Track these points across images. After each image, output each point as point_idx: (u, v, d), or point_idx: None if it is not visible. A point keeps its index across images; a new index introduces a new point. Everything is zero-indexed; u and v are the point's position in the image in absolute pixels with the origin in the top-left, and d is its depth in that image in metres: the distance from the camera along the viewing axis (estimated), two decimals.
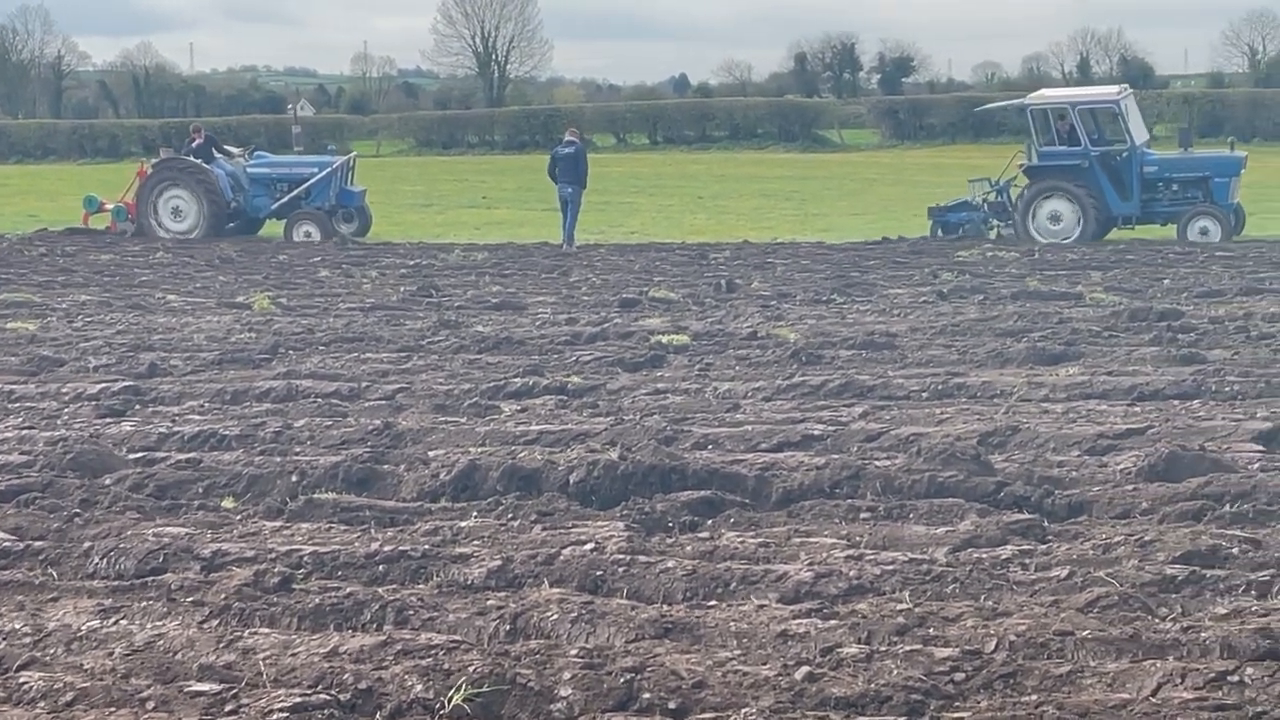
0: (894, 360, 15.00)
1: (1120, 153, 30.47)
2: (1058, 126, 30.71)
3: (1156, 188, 30.63)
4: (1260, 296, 19.75)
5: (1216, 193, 30.24)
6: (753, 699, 5.91)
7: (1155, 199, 30.64)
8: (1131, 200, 30.33)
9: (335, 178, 33.48)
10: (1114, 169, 30.41)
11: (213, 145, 34.43)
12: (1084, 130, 30.36)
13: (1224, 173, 30.50)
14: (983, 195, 32.05)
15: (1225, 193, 30.22)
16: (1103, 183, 30.27)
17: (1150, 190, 30.57)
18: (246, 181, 33.68)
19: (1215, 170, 30.58)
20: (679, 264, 26.28)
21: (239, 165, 33.95)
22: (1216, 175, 30.41)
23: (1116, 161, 30.44)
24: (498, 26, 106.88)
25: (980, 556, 7.96)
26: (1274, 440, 10.76)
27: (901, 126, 79.46)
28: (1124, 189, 30.33)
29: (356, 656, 6.42)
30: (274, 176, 33.82)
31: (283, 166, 34.73)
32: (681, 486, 9.57)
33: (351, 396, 13.36)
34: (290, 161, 36.01)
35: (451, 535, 8.67)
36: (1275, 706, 5.65)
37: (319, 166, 33.95)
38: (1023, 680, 6.08)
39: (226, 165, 33.64)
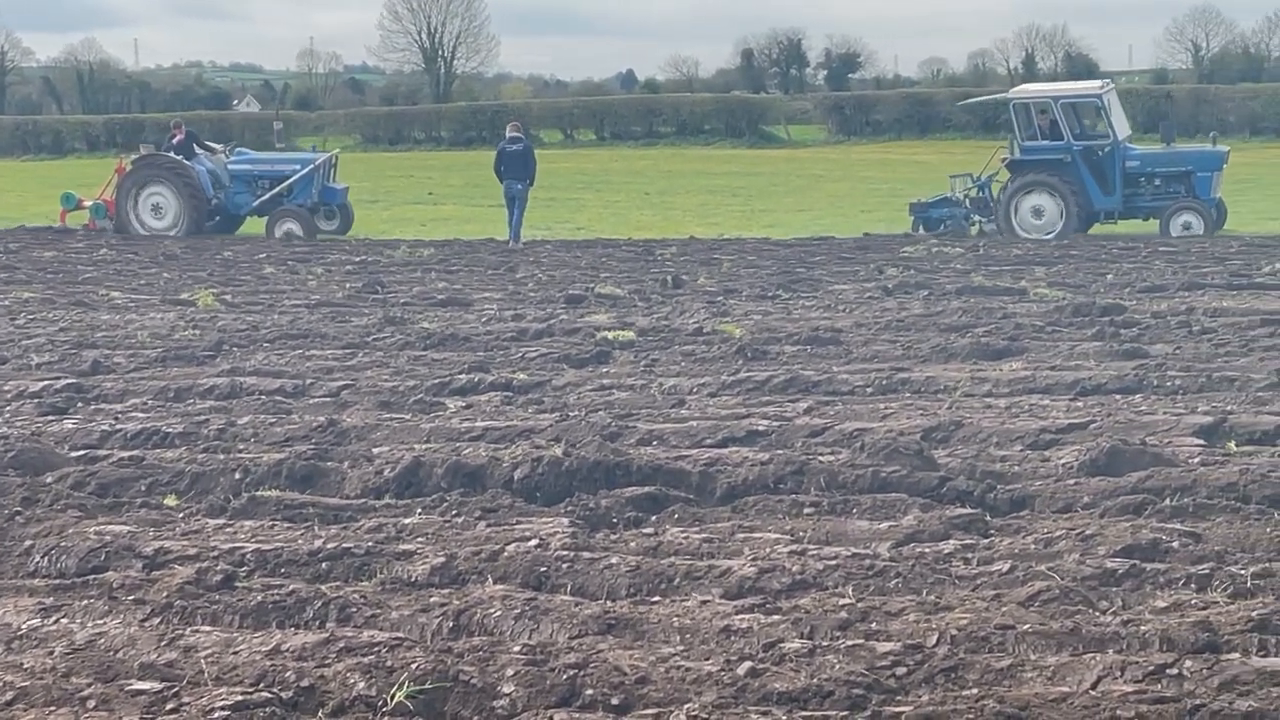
0: (839, 356, 15.04)
1: (1103, 147, 30.55)
2: (1040, 121, 30.74)
3: (1139, 182, 30.75)
4: (1202, 291, 19.87)
5: (1199, 187, 30.38)
6: (695, 694, 5.92)
7: (1138, 193, 30.76)
8: (1114, 195, 30.43)
9: (318, 175, 33.21)
10: (1096, 163, 30.49)
11: (194, 141, 34.10)
12: (1066, 125, 30.41)
13: (1206, 167, 30.61)
14: (964, 191, 32.11)
15: (1208, 187, 30.36)
16: (1085, 177, 30.36)
17: (1132, 185, 30.68)
18: (227, 178, 33.38)
19: (1198, 165, 30.69)
20: (625, 260, 26.29)
21: (220, 162, 33.64)
22: (1199, 170, 30.53)
23: (1099, 156, 30.51)
24: (444, 22, 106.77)
25: (923, 551, 7.99)
26: (1214, 434, 10.83)
27: (848, 122, 79.71)
28: (1106, 183, 30.43)
29: (299, 654, 6.40)
30: (256, 173, 33.53)
31: (264, 163, 34.37)
32: (626, 482, 9.57)
33: (296, 393, 13.32)
34: (272, 158, 35.67)
35: (395, 532, 8.65)
36: (1213, 699, 5.69)
37: (301, 164, 33.66)
38: (964, 674, 6.11)
39: (207, 162, 33.32)
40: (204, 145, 34.47)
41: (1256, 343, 15.17)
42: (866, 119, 79.57)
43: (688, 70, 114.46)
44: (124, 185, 32.95)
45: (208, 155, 33.68)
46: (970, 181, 32.17)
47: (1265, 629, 6.48)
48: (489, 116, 79.96)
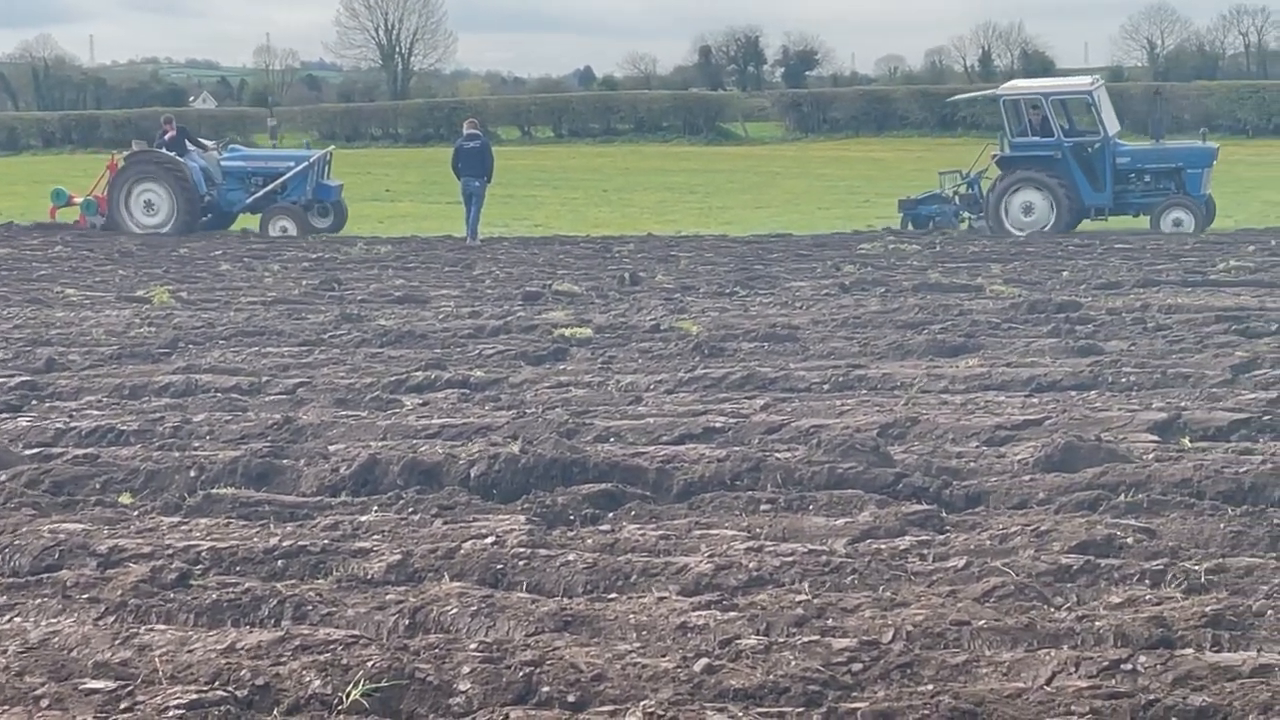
0: (795, 352, 15.06)
1: (1093, 143, 30.53)
2: (1030, 117, 30.71)
3: (1129, 179, 30.70)
4: (1157, 288, 19.96)
5: (1189, 184, 30.35)
6: (651, 691, 5.92)
7: (1128, 190, 30.71)
8: (1104, 191, 30.37)
9: (312, 172, 32.91)
10: (1086, 160, 30.42)
11: (185, 138, 33.72)
12: (1056, 121, 30.40)
13: (1197, 164, 30.61)
14: (953, 187, 32.04)
15: (1198, 184, 30.36)
16: (1075, 173, 30.28)
17: (1123, 181, 30.62)
18: (220, 175, 33.05)
19: (1188, 161, 30.67)
20: (583, 257, 26.28)
21: (213, 159, 33.30)
22: (1189, 166, 30.50)
23: (1089, 152, 30.46)
24: (401, 19, 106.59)
25: (879, 547, 8.01)
26: (1169, 431, 10.88)
27: (805, 120, 79.84)
28: (1097, 180, 30.36)
29: (254, 652, 6.38)
30: (249, 170, 33.19)
31: (258, 160, 34.05)
32: (583, 479, 9.56)
33: (252, 391, 13.28)
34: (266, 155, 35.33)
35: (351, 530, 8.63)
36: (1167, 694, 5.72)
37: (295, 160, 33.30)
38: (919, 670, 6.13)
39: (200, 159, 32.97)
40: (196, 142, 34.11)
41: (1211, 339, 15.25)
42: (824, 116, 79.73)
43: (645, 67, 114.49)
44: (116, 182, 32.54)
45: (200, 152, 33.34)
46: (960, 178, 32.06)
47: (1219, 624, 6.51)
48: (446, 113, 79.92)
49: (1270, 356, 13.90)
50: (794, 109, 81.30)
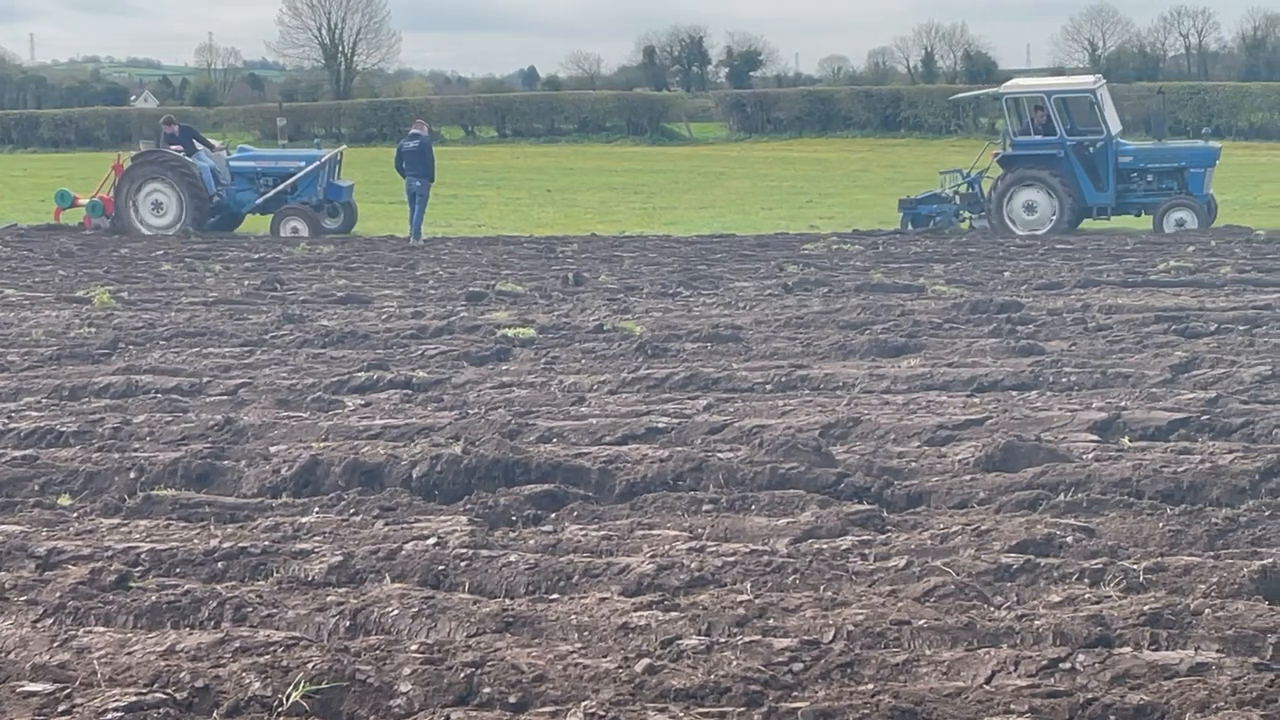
0: (738, 353, 15.08)
1: (1095, 142, 30.49)
2: (1033, 116, 30.68)
3: (1131, 178, 30.71)
4: (1097, 288, 20.08)
5: (1192, 183, 30.40)
6: (593, 691, 5.92)
7: (1130, 189, 30.71)
8: (1107, 190, 30.39)
9: (323, 172, 32.60)
10: (1089, 159, 30.42)
11: (192, 137, 33.41)
12: (1059, 120, 30.36)
13: (1199, 163, 30.65)
14: (954, 187, 31.98)
15: (1200, 183, 30.41)
16: (1078, 173, 30.28)
17: (1125, 180, 30.62)
18: (228, 175, 32.72)
19: (1191, 161, 30.69)
20: (527, 257, 26.26)
21: (220, 159, 32.96)
22: (1192, 166, 30.53)
23: (1091, 151, 30.45)
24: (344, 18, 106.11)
25: (820, 547, 8.03)
26: (1109, 430, 10.95)
27: (749, 120, 79.97)
28: (1099, 179, 30.37)
29: (194, 654, 6.35)
30: (259, 170, 32.84)
31: (268, 160, 33.64)
32: (525, 480, 9.56)
33: (192, 392, 13.21)
34: (276, 155, 34.86)
35: (292, 531, 8.60)
36: (1105, 692, 5.75)
37: (306, 160, 32.96)
38: (860, 670, 6.14)
39: (208, 159, 32.63)
40: (203, 141, 33.78)
41: (1150, 339, 15.35)
42: (768, 117, 79.86)
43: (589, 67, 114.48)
44: (124, 183, 32.17)
45: (207, 151, 32.98)
46: (960, 177, 31.99)
47: (1157, 623, 6.56)
48: (389, 113, 79.76)
49: (1209, 357, 14.00)
50: (738, 109, 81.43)
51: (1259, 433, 10.83)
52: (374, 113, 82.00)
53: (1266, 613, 6.65)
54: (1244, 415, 11.25)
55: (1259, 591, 7.03)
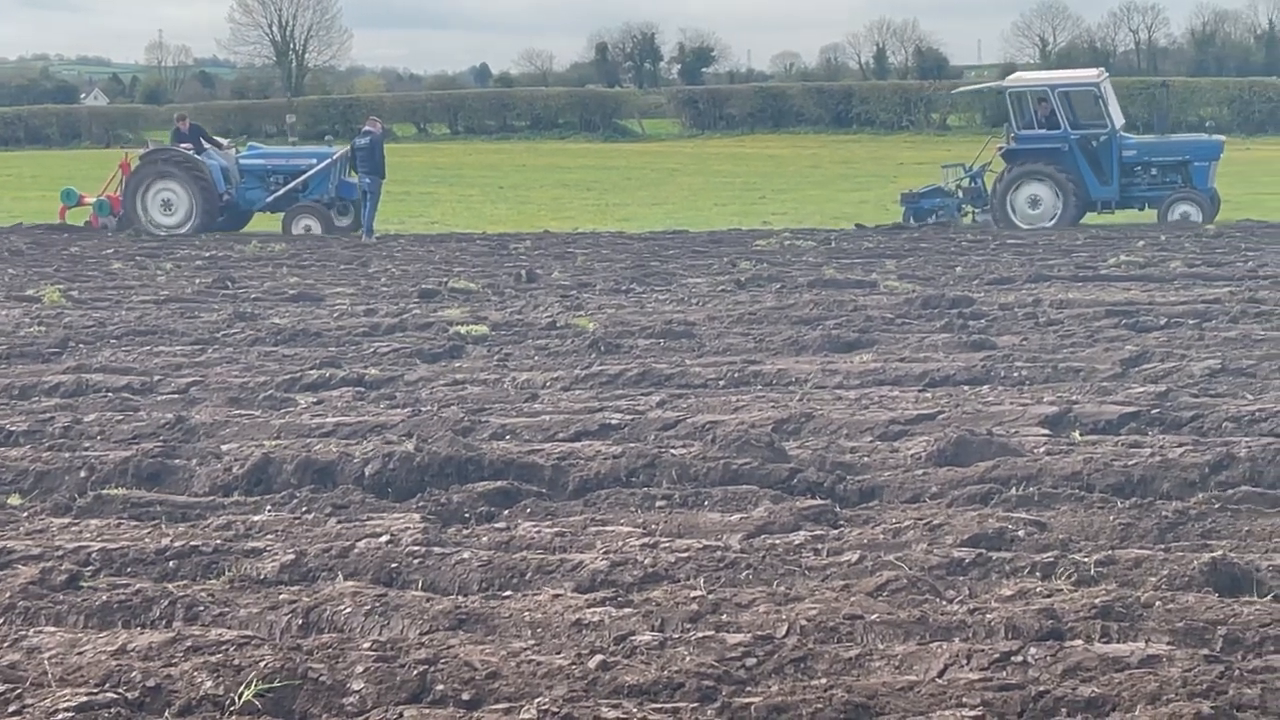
0: (691, 349, 15.09)
1: (1099, 136, 30.47)
2: (1037, 109, 30.62)
3: (1135, 172, 30.66)
4: (1048, 283, 20.15)
5: (1196, 177, 30.39)
6: (546, 688, 5.92)
7: (1134, 183, 30.67)
8: (1111, 185, 30.35)
9: (335, 169, 32.38)
10: (1093, 153, 30.39)
11: (200, 135, 33.20)
12: (1063, 113, 30.31)
13: (1203, 157, 30.62)
14: (956, 181, 31.92)
15: (1204, 177, 30.38)
16: (1082, 166, 30.24)
17: (1129, 174, 30.58)
18: (238, 173, 32.46)
19: (1195, 155, 30.67)
20: (479, 254, 26.23)
21: (230, 156, 32.70)
22: (1196, 159, 30.52)
23: (1095, 145, 30.42)
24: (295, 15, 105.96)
25: (773, 542, 8.03)
26: (1060, 424, 10.99)
27: (701, 116, 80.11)
28: (1103, 173, 30.33)
29: (145, 654, 6.32)
30: (269, 168, 32.57)
31: (278, 158, 33.33)
32: (478, 477, 9.55)
33: (143, 390, 13.16)
34: (286, 153, 34.52)
35: (244, 530, 8.57)
36: (1057, 685, 5.77)
37: (317, 158, 32.73)
38: (813, 664, 6.15)
39: (217, 156, 32.38)
40: (210, 139, 33.52)
41: (1101, 333, 15.41)
42: (720, 113, 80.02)
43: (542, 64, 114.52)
44: (132, 181, 31.92)
45: (216, 150, 32.76)
46: (963, 171, 31.93)
47: (1108, 615, 6.58)
48: (341, 110, 79.59)
49: (1159, 351, 14.07)
50: (690, 106, 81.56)
51: (1208, 426, 10.88)
52: (326, 110, 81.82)
53: (1216, 605, 6.69)
54: (1194, 409, 11.30)
55: (1209, 584, 7.07)
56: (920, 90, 78.38)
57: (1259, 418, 10.90)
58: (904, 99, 77.36)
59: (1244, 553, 7.69)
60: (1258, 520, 8.37)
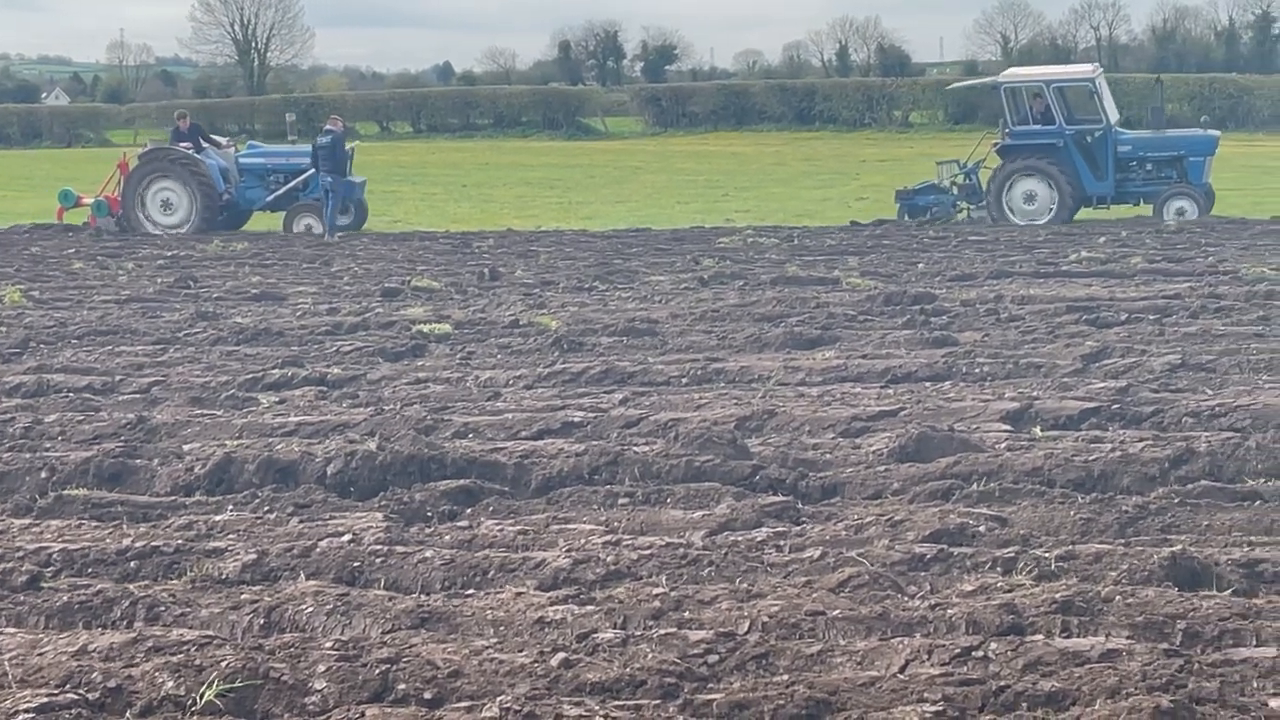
0: (654, 346, 15.10)
1: (1094, 131, 30.46)
2: (1032, 105, 30.58)
3: (1130, 167, 30.64)
4: (1010, 279, 20.21)
5: (1191, 172, 30.39)
6: (508, 686, 5.92)
7: (1129, 178, 30.67)
8: (1106, 180, 30.36)
9: None
10: (1088, 148, 30.38)
11: (199, 134, 32.98)
12: (1058, 109, 30.29)
13: (1198, 152, 30.63)
14: (951, 178, 31.87)
15: (1200, 172, 30.41)
16: (1077, 162, 30.24)
17: (1124, 170, 30.57)
18: (237, 172, 32.25)
19: (1190, 150, 30.67)
20: (442, 253, 26.20)
21: (229, 155, 32.46)
22: (1191, 155, 30.51)
23: (1090, 140, 30.41)
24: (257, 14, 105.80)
25: (736, 539, 8.04)
26: (1021, 420, 11.03)
27: (665, 114, 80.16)
28: (1098, 168, 30.33)
29: (106, 655, 6.30)
30: (269, 167, 32.43)
31: (279, 157, 33.11)
32: (441, 476, 9.55)
33: (105, 390, 13.11)
34: (286, 151, 34.08)
35: (206, 530, 8.55)
36: (1018, 680, 5.80)
37: None
38: (775, 661, 6.17)
39: (216, 156, 32.14)
40: (208, 139, 33.28)
41: (1062, 329, 15.47)
42: (683, 111, 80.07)
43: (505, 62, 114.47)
44: (131, 180, 31.69)
45: (215, 149, 32.51)
46: (958, 168, 31.90)
47: (1068, 610, 6.61)
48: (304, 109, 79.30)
49: (1120, 346, 14.13)
50: (653, 104, 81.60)
51: (1169, 421, 10.94)
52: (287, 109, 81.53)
53: (1176, 599, 6.72)
54: (1154, 404, 11.36)
55: (1168, 578, 7.10)
56: (883, 88, 78.54)
57: (1218, 413, 10.97)
58: (866, 96, 77.52)
59: (1203, 547, 7.74)
60: (1217, 515, 8.41)
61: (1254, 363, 13.10)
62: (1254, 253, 22.94)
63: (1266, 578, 7.23)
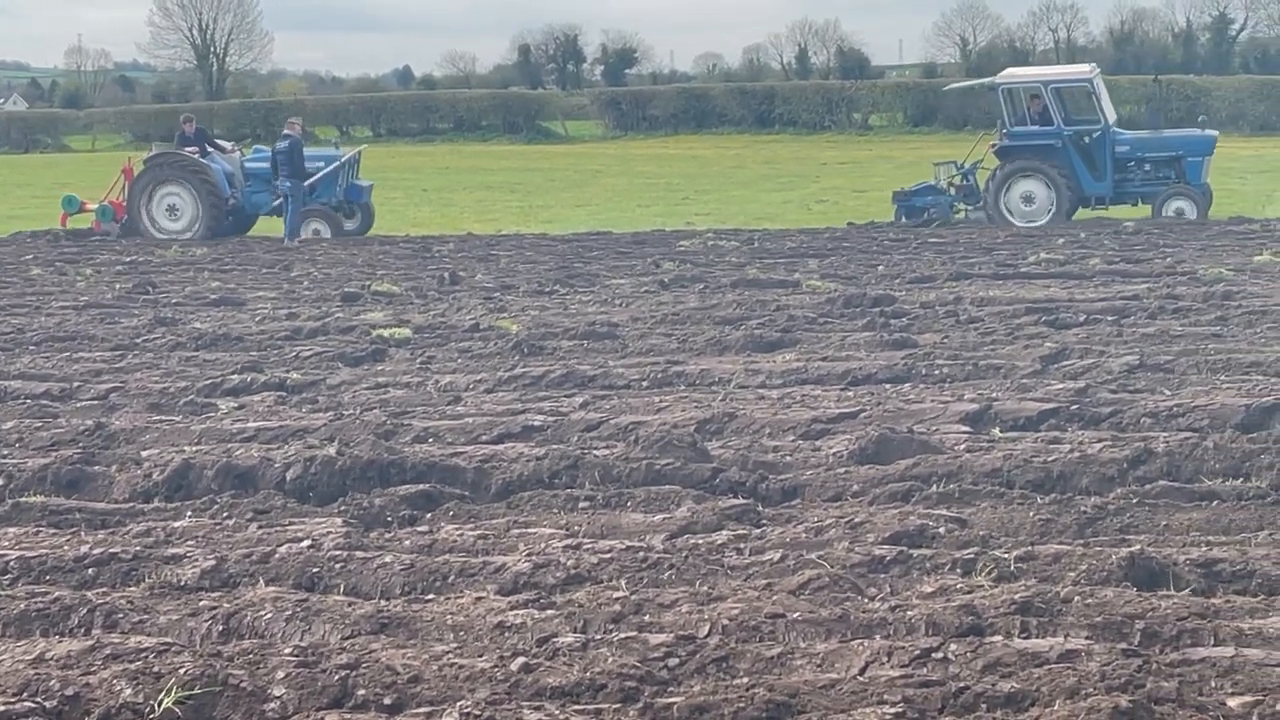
0: (615, 350, 15.10)
1: (1092, 132, 30.39)
2: (1029, 106, 30.53)
3: (1129, 167, 30.55)
4: (969, 281, 20.26)
5: (1190, 172, 30.30)
6: (468, 691, 5.91)
7: (1128, 179, 30.59)
8: (1104, 180, 30.27)
9: (343, 172, 31.95)
10: (1086, 149, 30.30)
11: (205, 139, 32.73)
12: (1056, 110, 30.26)
13: (1197, 152, 30.54)
14: (948, 179, 31.77)
15: (1198, 172, 30.32)
16: (1075, 162, 30.17)
17: (1122, 170, 30.50)
18: (243, 177, 32.00)
19: (1188, 150, 30.58)
20: (403, 257, 26.15)
21: (235, 160, 32.20)
22: (1189, 155, 30.41)
23: (1089, 141, 30.34)
24: (216, 18, 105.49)
25: (696, 542, 8.04)
26: (980, 421, 11.05)
27: (625, 118, 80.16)
28: (1097, 169, 30.24)
29: (64, 662, 6.27)
30: None
31: None
32: (400, 480, 9.53)
33: (63, 397, 13.05)
34: None
35: (164, 536, 8.51)
36: (977, 681, 5.81)
37: (325, 160, 32.15)
38: (735, 663, 6.17)
39: (222, 160, 31.87)
40: (213, 143, 33.03)
41: (1021, 331, 15.51)
42: (643, 114, 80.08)
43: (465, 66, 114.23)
44: (137, 186, 31.46)
45: (220, 153, 32.27)
46: (955, 169, 31.80)
47: (1027, 611, 6.63)
48: (263, 114, 79.23)
49: (1078, 347, 14.17)
50: (613, 107, 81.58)
51: (1127, 422, 10.98)
52: (247, 113, 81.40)
53: (1134, 599, 6.74)
54: (1112, 405, 11.40)
55: (1127, 578, 7.13)
56: (842, 90, 78.67)
57: (1176, 413, 11.01)
58: (826, 99, 77.60)
59: (1161, 547, 7.77)
60: (1175, 514, 8.45)
61: (1211, 363, 13.16)
62: (1211, 254, 23.05)
63: (1224, 577, 7.26)
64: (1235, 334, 14.96)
